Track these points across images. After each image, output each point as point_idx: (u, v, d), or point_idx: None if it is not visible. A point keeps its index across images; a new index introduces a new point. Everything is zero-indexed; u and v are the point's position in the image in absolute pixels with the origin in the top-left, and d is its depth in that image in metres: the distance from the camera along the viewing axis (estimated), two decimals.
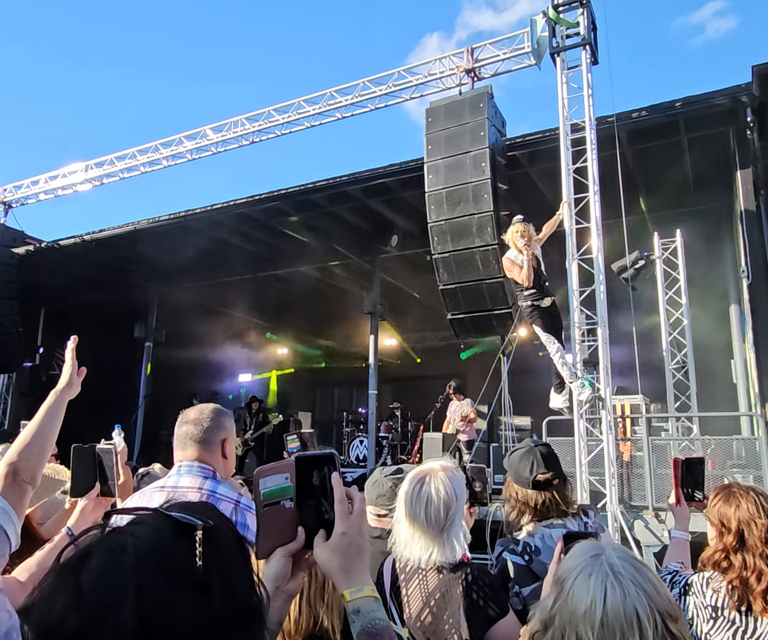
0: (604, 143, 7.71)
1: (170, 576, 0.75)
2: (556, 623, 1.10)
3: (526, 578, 2.18)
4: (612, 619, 1.04)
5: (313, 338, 18.65)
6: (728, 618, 2.05)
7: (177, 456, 2.29)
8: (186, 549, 0.78)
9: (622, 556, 1.12)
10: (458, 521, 2.05)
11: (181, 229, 11.94)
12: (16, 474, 1.72)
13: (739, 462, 7.50)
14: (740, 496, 2.15)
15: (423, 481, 2.05)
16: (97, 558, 0.75)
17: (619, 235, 7.96)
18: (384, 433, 13.07)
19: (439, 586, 2.02)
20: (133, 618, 0.70)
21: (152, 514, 0.84)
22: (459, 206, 7.67)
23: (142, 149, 11.26)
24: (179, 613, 0.73)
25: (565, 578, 1.13)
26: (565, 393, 7.27)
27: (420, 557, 2.01)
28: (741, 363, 10.05)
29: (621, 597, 1.05)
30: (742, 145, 8.43)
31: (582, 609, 1.06)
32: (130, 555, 0.75)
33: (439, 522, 1.99)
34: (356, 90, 9.45)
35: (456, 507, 2.03)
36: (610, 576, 1.07)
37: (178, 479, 2.20)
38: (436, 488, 2.02)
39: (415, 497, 2.03)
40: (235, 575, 0.83)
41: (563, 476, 2.42)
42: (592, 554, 1.13)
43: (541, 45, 8.11)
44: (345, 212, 11.48)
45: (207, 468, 2.21)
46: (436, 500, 2.00)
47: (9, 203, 12.72)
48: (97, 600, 0.72)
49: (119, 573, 0.73)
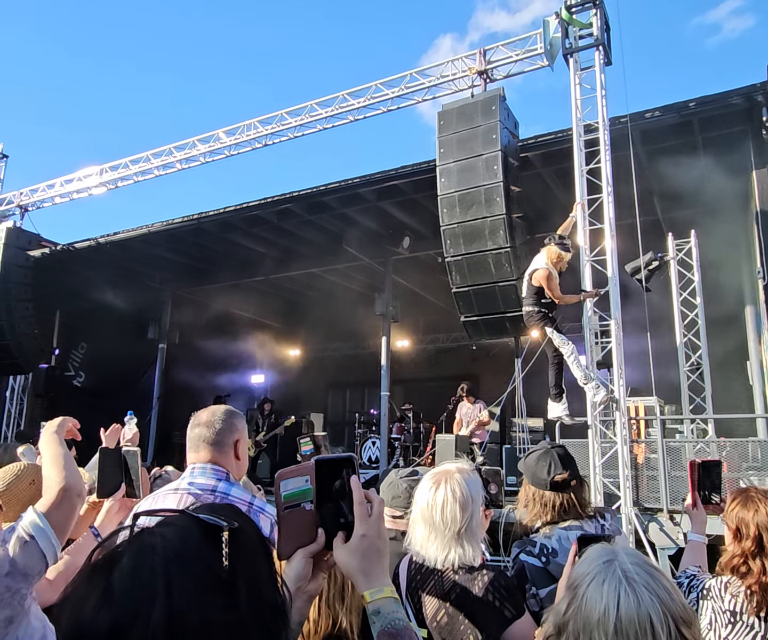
0: (617, 144, 7.69)
1: (198, 577, 0.77)
2: (570, 628, 1.11)
3: (543, 580, 2.18)
4: (626, 626, 1.04)
5: (325, 340, 18.69)
6: (747, 623, 2.04)
7: (190, 458, 2.29)
8: (213, 550, 0.79)
9: (635, 561, 1.12)
10: (475, 522, 2.06)
11: (194, 231, 12.02)
12: (67, 491, 1.74)
13: (755, 464, 7.43)
14: (758, 500, 2.14)
15: (439, 483, 2.07)
16: (127, 558, 0.77)
17: (633, 236, 7.91)
18: (396, 434, 13.06)
19: (455, 587, 2.03)
20: (163, 617, 0.72)
21: (180, 515, 0.85)
22: (471, 209, 7.67)
23: (156, 152, 11.36)
24: (207, 613, 0.75)
25: (579, 583, 1.13)
26: (563, 402, 7.21)
27: (436, 557, 2.02)
28: (757, 364, 9.96)
29: (635, 604, 1.05)
30: (757, 145, 8.35)
31: (596, 616, 1.07)
32: (160, 555, 0.76)
33: (456, 523, 2.00)
34: (368, 93, 9.48)
35: (472, 509, 2.04)
36: (623, 583, 1.08)
37: (192, 481, 2.20)
38: (452, 489, 2.03)
39: (432, 498, 2.04)
40: (259, 576, 0.84)
41: (580, 478, 2.42)
42: (606, 559, 1.14)
43: (554, 46, 8.09)
44: (357, 214, 11.50)
45: (220, 470, 2.21)
46: (452, 502, 2.01)
47: (25, 207, 12.86)
48: (128, 599, 0.73)
49: (150, 573, 0.75)
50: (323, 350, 18.93)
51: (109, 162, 11.93)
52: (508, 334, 8.42)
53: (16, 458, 3.48)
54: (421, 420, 14.01)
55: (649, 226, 9.24)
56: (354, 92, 9.61)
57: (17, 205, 12.83)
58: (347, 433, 17.45)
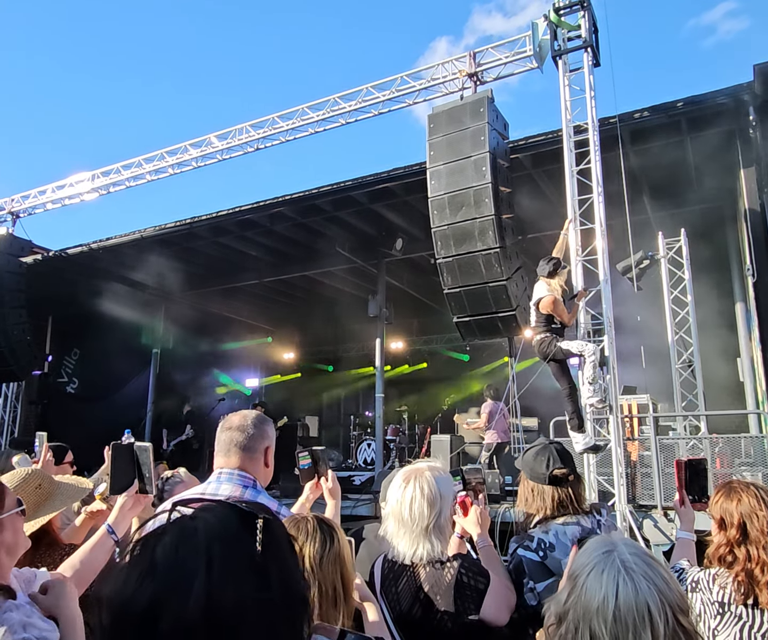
0: (607, 144, 7.74)
1: (236, 558, 0.83)
2: (570, 617, 1.14)
3: (540, 574, 2.21)
4: (624, 613, 1.07)
5: (318, 342, 18.71)
6: (735, 613, 2.08)
7: (218, 462, 2.23)
8: (249, 536, 0.85)
9: (633, 551, 1.16)
10: (443, 519, 2.13)
11: (187, 236, 12.02)
12: None
13: (747, 460, 7.50)
14: (741, 490, 2.20)
15: (409, 480, 2.15)
16: (170, 537, 0.83)
17: (624, 235, 7.98)
18: (391, 436, 13.09)
19: (427, 579, 2.09)
20: (204, 592, 0.77)
21: (218, 503, 0.92)
22: (461, 211, 7.70)
23: (148, 157, 11.33)
24: (243, 591, 0.80)
25: (579, 573, 1.16)
26: (586, 432, 6.88)
27: (405, 553, 2.11)
28: (747, 361, 10.05)
29: (633, 592, 1.08)
30: (745, 144, 8.43)
31: (595, 604, 1.10)
32: (202, 536, 0.83)
33: (423, 519, 2.08)
34: (359, 96, 9.50)
35: (441, 505, 2.11)
36: (622, 572, 1.11)
37: (218, 487, 2.16)
38: (420, 486, 2.11)
39: (401, 495, 2.13)
40: (288, 564, 0.90)
41: (577, 474, 2.46)
42: (605, 550, 1.17)
43: (543, 48, 8.14)
44: (349, 217, 11.53)
45: (247, 477, 2.18)
46: (420, 499, 2.08)
47: (17, 213, 12.80)
48: (170, 573, 0.79)
49: (192, 550, 0.81)
50: (317, 353, 18.94)
51: (101, 167, 11.91)
52: (501, 334, 8.44)
53: (11, 467, 3.48)
54: (416, 422, 14.06)
55: (640, 225, 9.31)
56: (345, 96, 9.62)
57: (9, 211, 12.76)
58: (342, 435, 17.47)
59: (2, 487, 1.79)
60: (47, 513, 2.30)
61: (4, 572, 1.72)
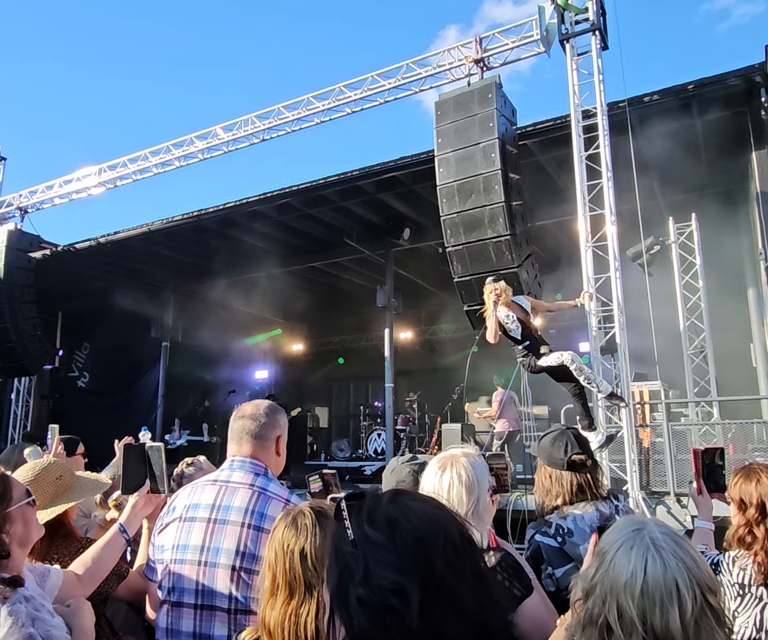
0: (616, 129, 7.67)
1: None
2: (597, 591, 1.13)
3: (558, 560, 2.20)
4: (652, 588, 1.06)
5: (328, 333, 18.72)
6: (756, 595, 2.09)
7: (231, 450, 2.28)
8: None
9: (663, 530, 1.15)
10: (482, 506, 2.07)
11: (195, 228, 12.02)
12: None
13: (760, 446, 7.45)
14: (760, 472, 2.22)
15: (445, 467, 2.07)
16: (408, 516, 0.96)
17: (634, 221, 7.90)
18: (401, 426, 13.09)
19: None
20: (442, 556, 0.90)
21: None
22: (471, 198, 7.65)
23: (154, 150, 11.35)
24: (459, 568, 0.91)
25: (607, 550, 1.15)
26: (599, 432, 6.72)
27: None
28: (760, 346, 9.95)
29: (661, 569, 1.07)
30: (757, 126, 8.33)
31: (623, 579, 1.09)
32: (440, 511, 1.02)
33: (462, 506, 2.01)
34: (365, 84, 9.44)
35: (479, 492, 2.05)
36: (651, 549, 1.10)
37: (230, 474, 2.21)
38: (458, 473, 2.03)
39: (438, 482, 2.05)
40: None
41: (594, 459, 2.44)
42: (634, 528, 1.16)
43: (550, 32, 8.06)
44: (357, 207, 11.49)
45: (259, 465, 2.22)
46: (458, 485, 2.01)
47: (25, 208, 12.86)
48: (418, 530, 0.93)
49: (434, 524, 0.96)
50: (326, 344, 18.96)
51: (108, 161, 11.93)
52: None
53: (23, 459, 3.51)
54: (426, 411, 14.05)
55: (650, 210, 9.22)
56: (350, 84, 9.58)
57: (17, 207, 12.83)
58: (352, 426, 17.50)
59: (9, 480, 1.80)
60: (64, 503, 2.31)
61: (17, 564, 1.73)
